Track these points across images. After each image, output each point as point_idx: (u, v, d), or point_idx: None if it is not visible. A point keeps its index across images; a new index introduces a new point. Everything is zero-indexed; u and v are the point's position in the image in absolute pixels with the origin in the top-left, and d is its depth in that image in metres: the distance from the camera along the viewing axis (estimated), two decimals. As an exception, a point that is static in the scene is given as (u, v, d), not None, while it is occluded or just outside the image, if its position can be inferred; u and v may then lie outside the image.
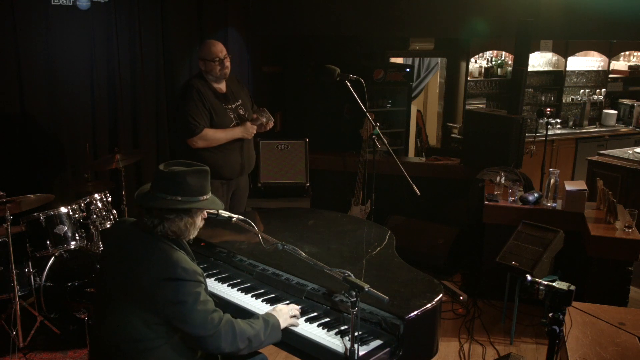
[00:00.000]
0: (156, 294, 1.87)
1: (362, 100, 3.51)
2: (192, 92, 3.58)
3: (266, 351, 2.54)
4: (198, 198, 1.99)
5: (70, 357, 3.41)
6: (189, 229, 2.03)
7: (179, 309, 1.88)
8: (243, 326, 2.00)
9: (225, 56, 3.66)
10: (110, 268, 2.04)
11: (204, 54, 3.65)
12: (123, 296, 1.94)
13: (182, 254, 1.97)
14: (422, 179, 4.15)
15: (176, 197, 1.95)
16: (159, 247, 1.95)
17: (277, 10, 5.65)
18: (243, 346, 1.98)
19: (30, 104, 4.32)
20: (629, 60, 7.49)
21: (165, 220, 1.97)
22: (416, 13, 5.46)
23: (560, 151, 6.61)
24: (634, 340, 2.73)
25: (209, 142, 3.61)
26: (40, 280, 3.56)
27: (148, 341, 1.92)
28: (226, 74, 3.70)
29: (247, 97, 3.93)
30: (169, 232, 1.98)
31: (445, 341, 3.64)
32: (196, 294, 1.90)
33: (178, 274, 1.88)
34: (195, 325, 1.89)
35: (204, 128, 3.58)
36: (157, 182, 1.98)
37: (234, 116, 3.73)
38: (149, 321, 1.91)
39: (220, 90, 3.73)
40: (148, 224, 1.97)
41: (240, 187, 3.96)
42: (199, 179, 2.00)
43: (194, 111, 3.55)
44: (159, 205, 1.95)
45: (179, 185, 1.95)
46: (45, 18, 4.27)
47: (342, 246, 2.74)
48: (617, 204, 3.87)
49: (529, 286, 2.09)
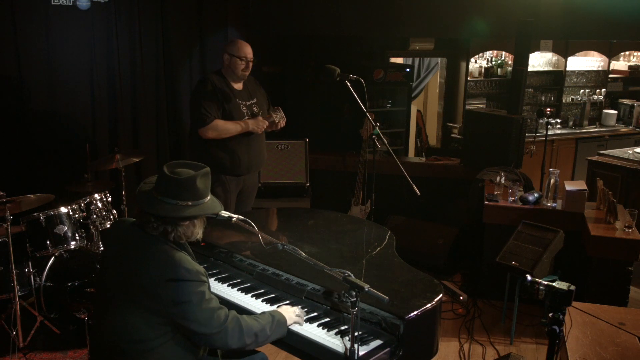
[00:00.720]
0: (159, 294, 1.87)
1: (362, 100, 3.51)
2: (207, 84, 3.67)
3: (266, 351, 2.54)
4: (204, 200, 2.00)
5: (70, 357, 3.41)
6: (198, 231, 2.04)
7: (184, 309, 1.88)
8: (249, 322, 2.02)
9: (251, 59, 3.76)
10: (111, 269, 2.04)
11: (233, 49, 3.71)
12: (124, 296, 1.94)
13: (183, 254, 1.97)
14: (422, 179, 4.14)
15: (187, 202, 1.95)
16: (160, 248, 1.94)
17: (277, 10, 5.65)
18: (250, 341, 2.00)
19: (30, 104, 4.32)
20: (629, 60, 7.49)
21: (179, 227, 1.97)
22: (416, 13, 5.46)
23: (560, 151, 6.61)
24: (634, 340, 2.73)
25: (219, 133, 3.65)
26: (40, 280, 3.56)
27: (149, 341, 1.92)
28: (245, 75, 3.79)
29: (263, 97, 3.98)
30: (180, 235, 1.99)
31: (445, 341, 3.64)
32: (200, 293, 1.91)
33: (181, 274, 1.89)
34: (202, 324, 1.90)
35: (215, 119, 3.62)
36: (165, 187, 1.94)
37: (247, 112, 3.78)
38: (151, 321, 1.91)
39: (237, 87, 3.80)
40: (160, 230, 1.96)
41: (248, 186, 3.97)
42: (205, 181, 2.01)
43: (207, 102, 3.62)
44: (174, 214, 1.93)
45: (190, 191, 1.95)
46: (45, 18, 4.27)
47: (342, 246, 2.74)
48: (617, 204, 3.87)
49: (529, 286, 2.09)
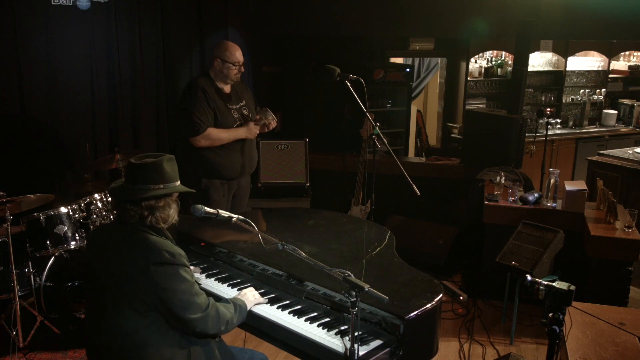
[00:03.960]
0: (147, 280, 1.90)
1: (362, 100, 3.51)
2: (198, 91, 3.59)
3: (266, 351, 2.55)
4: (175, 184, 2.09)
5: (70, 357, 3.41)
6: (174, 214, 2.10)
7: (169, 293, 1.91)
8: (223, 310, 2.10)
9: (243, 62, 3.72)
10: (97, 270, 2.06)
11: (225, 55, 3.63)
12: (114, 295, 1.96)
13: (163, 239, 2.03)
14: (422, 179, 4.14)
15: (159, 185, 2.03)
16: (140, 236, 2.00)
17: (277, 10, 5.66)
18: (224, 328, 2.09)
19: (30, 104, 4.32)
20: (629, 60, 7.49)
21: (156, 210, 2.02)
22: (416, 13, 5.47)
23: (560, 151, 6.61)
24: (634, 340, 2.73)
25: (212, 142, 3.62)
26: (40, 280, 3.56)
27: (142, 330, 1.94)
28: (238, 78, 3.75)
29: (250, 98, 3.95)
30: (158, 220, 2.03)
31: (445, 341, 3.64)
32: (184, 275, 1.96)
33: (164, 257, 1.93)
34: (186, 307, 1.93)
35: (208, 127, 3.59)
36: (135, 174, 2.03)
37: (237, 116, 3.74)
38: (140, 310, 1.93)
39: (225, 90, 3.74)
40: (136, 217, 2.02)
41: (242, 188, 3.96)
42: (172, 166, 2.09)
43: (199, 110, 3.56)
44: (147, 195, 2.00)
45: (159, 174, 2.04)
46: (45, 18, 4.27)
47: (342, 246, 2.74)
48: (617, 204, 3.87)
49: (529, 286, 2.09)
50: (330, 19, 5.55)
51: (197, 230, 2.91)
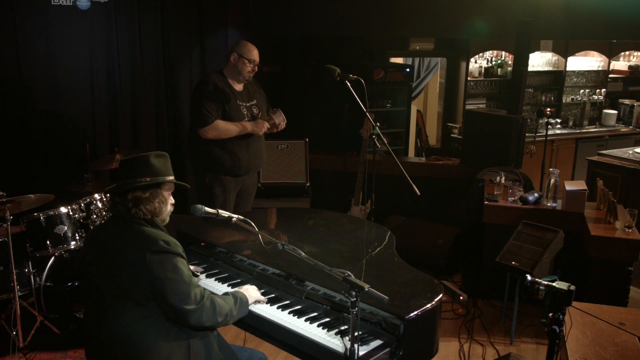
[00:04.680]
0: (141, 269, 1.92)
1: (362, 100, 3.51)
2: (209, 84, 3.68)
3: (266, 351, 2.55)
4: (165, 178, 2.11)
5: (70, 357, 3.41)
6: (162, 207, 2.12)
7: (165, 282, 1.92)
8: (220, 302, 2.08)
9: (258, 63, 3.79)
10: (95, 267, 2.07)
11: (243, 51, 3.72)
12: (113, 293, 1.97)
13: (158, 230, 2.05)
14: (422, 179, 4.15)
15: (145, 178, 2.06)
16: (136, 228, 2.02)
17: (277, 9, 5.66)
18: (221, 320, 2.07)
19: (30, 104, 4.32)
20: (629, 60, 7.49)
21: (140, 201, 2.05)
22: (416, 13, 5.47)
23: (560, 151, 6.61)
24: (634, 340, 2.73)
25: (219, 133, 3.66)
26: (40, 280, 3.55)
27: (140, 323, 1.94)
28: (250, 77, 3.81)
29: (262, 98, 3.99)
30: (145, 212, 2.06)
31: (445, 341, 3.64)
32: (180, 265, 1.97)
33: (160, 246, 1.95)
34: (181, 298, 1.93)
35: (216, 119, 3.63)
36: (123, 171, 2.10)
37: (247, 113, 3.79)
38: (139, 301, 1.94)
39: (237, 88, 3.81)
40: (123, 209, 2.05)
41: (247, 186, 3.98)
42: (162, 161, 2.12)
43: (208, 102, 3.63)
44: (130, 186, 2.04)
45: (145, 168, 2.07)
46: (45, 18, 4.27)
47: (342, 246, 2.74)
48: (617, 204, 3.87)
49: (529, 286, 2.09)
50: (330, 19, 5.55)
51: (197, 230, 2.92)
